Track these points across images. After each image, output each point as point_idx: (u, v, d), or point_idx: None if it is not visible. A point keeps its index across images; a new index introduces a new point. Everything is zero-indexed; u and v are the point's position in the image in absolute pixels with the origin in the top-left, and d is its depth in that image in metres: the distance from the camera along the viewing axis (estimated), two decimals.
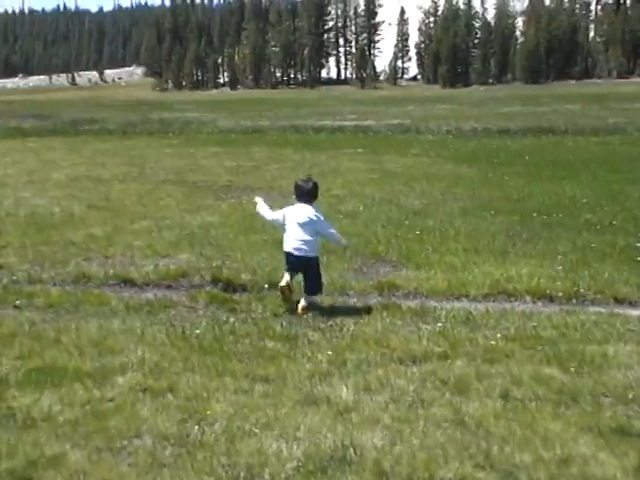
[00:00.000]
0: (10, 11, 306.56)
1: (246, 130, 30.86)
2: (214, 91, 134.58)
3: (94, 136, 28.78)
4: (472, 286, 6.56)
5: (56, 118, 44.47)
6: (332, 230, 6.47)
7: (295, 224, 6.21)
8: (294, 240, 6.17)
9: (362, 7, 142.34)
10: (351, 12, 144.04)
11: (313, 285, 6.18)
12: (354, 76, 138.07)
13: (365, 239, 8.37)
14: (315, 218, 6.25)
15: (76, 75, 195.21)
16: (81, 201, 11.21)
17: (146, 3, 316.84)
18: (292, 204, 6.50)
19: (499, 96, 72.77)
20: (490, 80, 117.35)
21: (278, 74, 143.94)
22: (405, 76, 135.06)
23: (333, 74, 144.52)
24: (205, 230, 8.98)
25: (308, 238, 6.15)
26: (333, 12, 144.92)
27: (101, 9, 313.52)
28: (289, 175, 14.22)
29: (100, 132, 31.44)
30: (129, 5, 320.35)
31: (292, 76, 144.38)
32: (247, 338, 5.28)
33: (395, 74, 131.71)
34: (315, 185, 6.62)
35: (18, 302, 6.14)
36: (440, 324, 5.56)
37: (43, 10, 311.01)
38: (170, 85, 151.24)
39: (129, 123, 37.54)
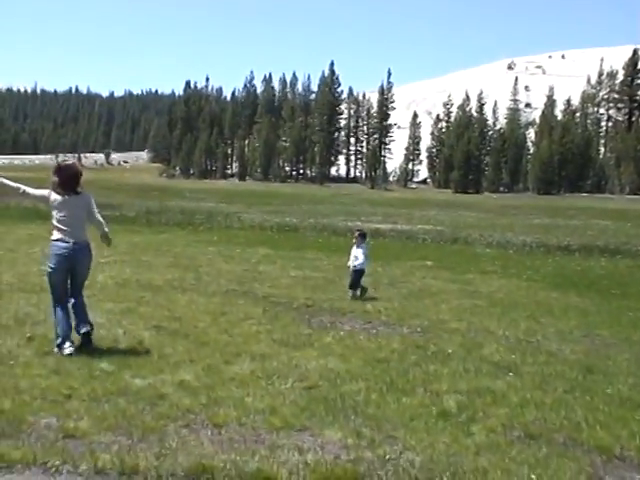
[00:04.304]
0: (22, 90, 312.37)
1: (280, 227, 29.07)
2: (222, 181, 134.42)
3: (116, 224, 26.82)
4: None
5: None
6: (364, 260, 11.82)
7: (354, 254, 11.88)
8: (353, 262, 11.82)
9: (375, 109, 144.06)
10: (364, 113, 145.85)
11: (356, 284, 11.65)
12: (364, 175, 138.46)
13: (567, 418, 6.01)
14: (362, 250, 11.90)
15: (82, 156, 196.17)
16: (145, 320, 8.93)
17: (156, 91, 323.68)
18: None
19: (517, 205, 71.73)
20: (501, 188, 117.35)
21: (287, 168, 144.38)
22: (415, 179, 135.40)
23: (342, 172, 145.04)
24: (332, 384, 6.66)
25: (359, 258, 11.79)
26: (346, 112, 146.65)
27: (112, 94, 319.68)
28: (374, 293, 12.08)
29: (121, 220, 29.56)
30: (140, 92, 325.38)
31: (301, 171, 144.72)
32: None
33: (406, 176, 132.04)
34: (365, 233, 12.76)
35: None
36: None
37: (55, 92, 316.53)
38: (178, 172, 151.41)
39: (148, 211, 35.90)
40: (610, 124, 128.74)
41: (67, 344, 7.13)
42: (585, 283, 14.95)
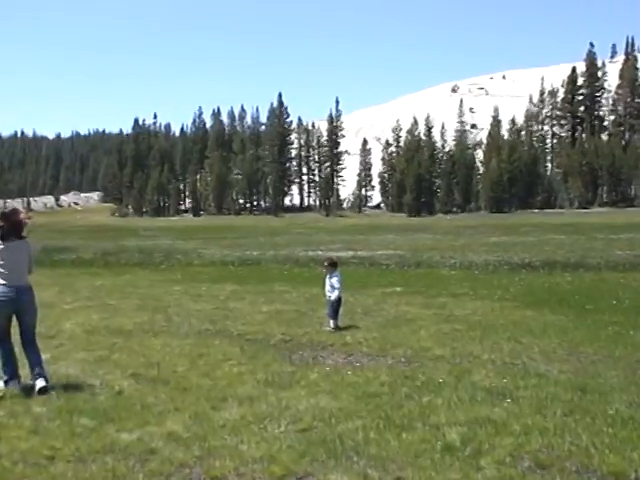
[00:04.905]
0: None
1: (242, 261, 28.76)
2: (176, 217, 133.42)
3: (74, 267, 26.25)
4: None
5: None
6: (339, 289, 11.73)
7: (328, 284, 11.77)
8: (328, 292, 11.78)
9: (325, 137, 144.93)
10: (314, 142, 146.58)
11: (336, 313, 11.59)
12: (318, 203, 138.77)
13: (573, 444, 5.81)
14: (337, 278, 11.79)
15: (31, 200, 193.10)
16: (122, 368, 8.55)
17: (104, 130, 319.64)
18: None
19: (471, 225, 72.51)
20: (454, 209, 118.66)
21: (241, 201, 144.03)
22: (368, 204, 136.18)
23: (296, 201, 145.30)
24: (327, 424, 6.38)
25: (335, 288, 11.68)
26: (296, 142, 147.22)
27: (59, 135, 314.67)
28: (350, 323, 11.86)
29: (78, 263, 28.97)
30: (86, 132, 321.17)
31: (255, 203, 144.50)
32: None
33: (359, 202, 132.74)
34: (335, 260, 12.69)
35: None
36: None
37: (0, 136, 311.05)
38: (130, 211, 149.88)
39: (105, 252, 35.27)
40: (555, 140, 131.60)
41: (12, 383, 7.43)
42: (556, 299, 14.95)
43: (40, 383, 7.33)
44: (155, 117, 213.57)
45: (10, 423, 6.40)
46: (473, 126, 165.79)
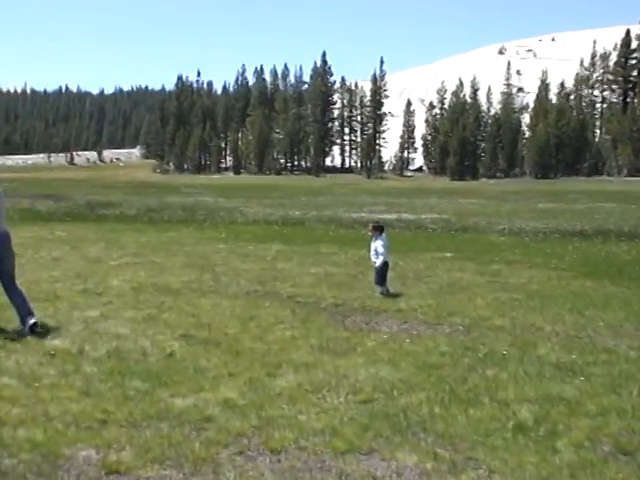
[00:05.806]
0: (12, 91, 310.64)
1: (285, 221, 28.50)
2: (217, 175, 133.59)
3: (119, 223, 26.22)
4: None
5: (69, 200, 42.09)
6: (383, 254, 11.20)
7: (373, 249, 11.43)
8: (373, 257, 11.42)
9: (368, 97, 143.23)
10: (357, 102, 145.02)
11: (382, 279, 11.16)
12: (359, 165, 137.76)
13: None
14: (381, 242, 11.30)
15: (75, 154, 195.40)
16: (172, 329, 8.31)
17: (146, 87, 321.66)
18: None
19: (516, 190, 71.18)
20: (498, 174, 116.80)
21: (282, 160, 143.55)
22: (410, 167, 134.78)
23: (337, 162, 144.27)
24: (389, 396, 6.06)
25: (379, 253, 11.21)
26: (339, 102, 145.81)
27: (102, 91, 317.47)
28: (403, 289, 11.48)
29: (122, 218, 28.96)
30: (130, 88, 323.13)
31: (296, 163, 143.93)
32: None
33: (401, 165, 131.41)
34: (382, 225, 11.91)
35: None
36: None
37: (45, 91, 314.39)
38: (172, 168, 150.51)
39: (149, 209, 35.33)
40: (605, 106, 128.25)
41: None
42: (615, 270, 14.38)
43: (31, 320, 7.60)
44: (198, 74, 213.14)
45: (61, 383, 6.20)
46: (520, 89, 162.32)
